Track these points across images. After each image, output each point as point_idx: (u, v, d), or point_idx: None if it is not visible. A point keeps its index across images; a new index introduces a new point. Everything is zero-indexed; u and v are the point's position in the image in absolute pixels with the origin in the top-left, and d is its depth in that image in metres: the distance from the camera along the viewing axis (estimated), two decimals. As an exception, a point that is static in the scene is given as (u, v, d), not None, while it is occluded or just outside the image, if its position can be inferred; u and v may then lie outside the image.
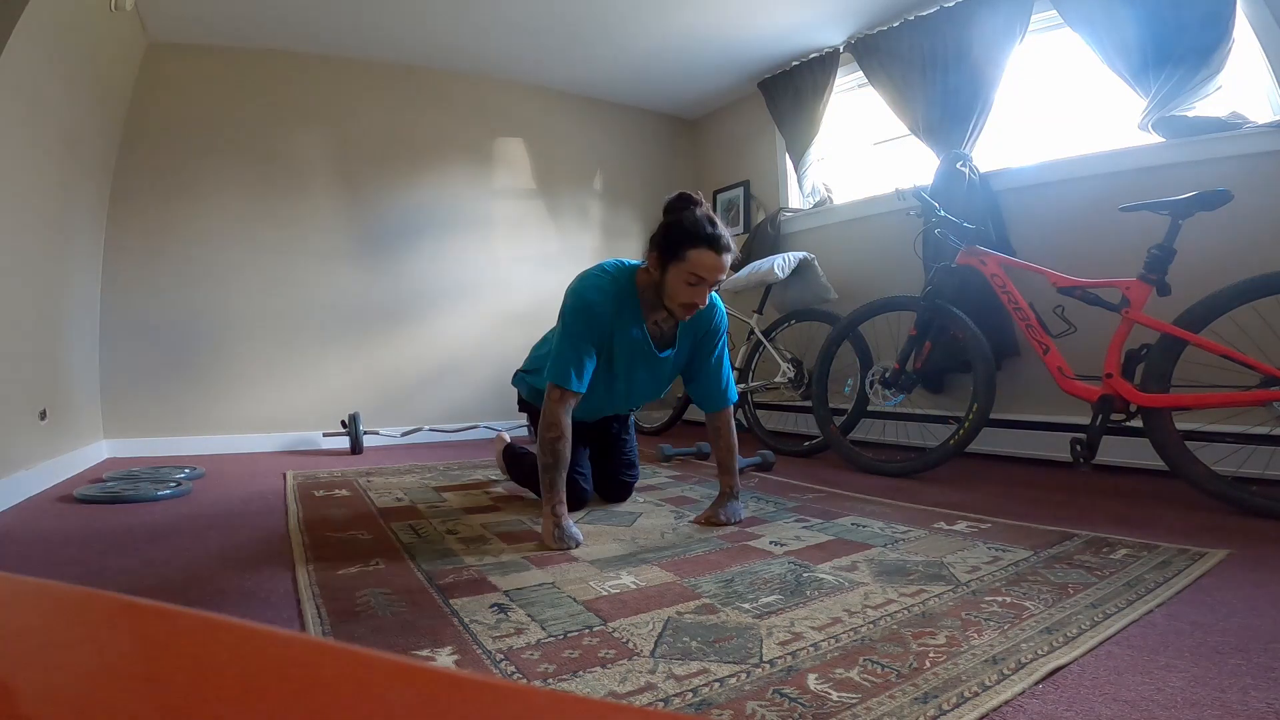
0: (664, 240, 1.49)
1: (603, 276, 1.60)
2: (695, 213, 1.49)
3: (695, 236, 1.46)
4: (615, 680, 0.83)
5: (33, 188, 2.07)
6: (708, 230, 1.46)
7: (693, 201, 1.51)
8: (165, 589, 1.21)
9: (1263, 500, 1.60)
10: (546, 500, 1.48)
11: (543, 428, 1.51)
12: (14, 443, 1.95)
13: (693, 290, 1.49)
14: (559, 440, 1.48)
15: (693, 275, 1.47)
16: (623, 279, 1.60)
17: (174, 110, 2.93)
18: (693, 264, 1.46)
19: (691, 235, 1.46)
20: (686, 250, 1.46)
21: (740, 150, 4.01)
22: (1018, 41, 2.56)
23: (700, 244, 1.46)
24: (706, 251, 1.46)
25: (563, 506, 1.48)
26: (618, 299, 1.58)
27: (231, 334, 3.02)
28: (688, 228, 1.47)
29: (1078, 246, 2.33)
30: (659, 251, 1.50)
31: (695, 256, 1.46)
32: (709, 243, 1.46)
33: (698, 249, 1.46)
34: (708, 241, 1.46)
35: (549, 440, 1.49)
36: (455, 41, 3.20)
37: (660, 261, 1.50)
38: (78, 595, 0.37)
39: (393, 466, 2.55)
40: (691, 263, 1.46)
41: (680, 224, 1.48)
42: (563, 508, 1.48)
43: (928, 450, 2.24)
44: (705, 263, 1.47)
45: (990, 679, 0.82)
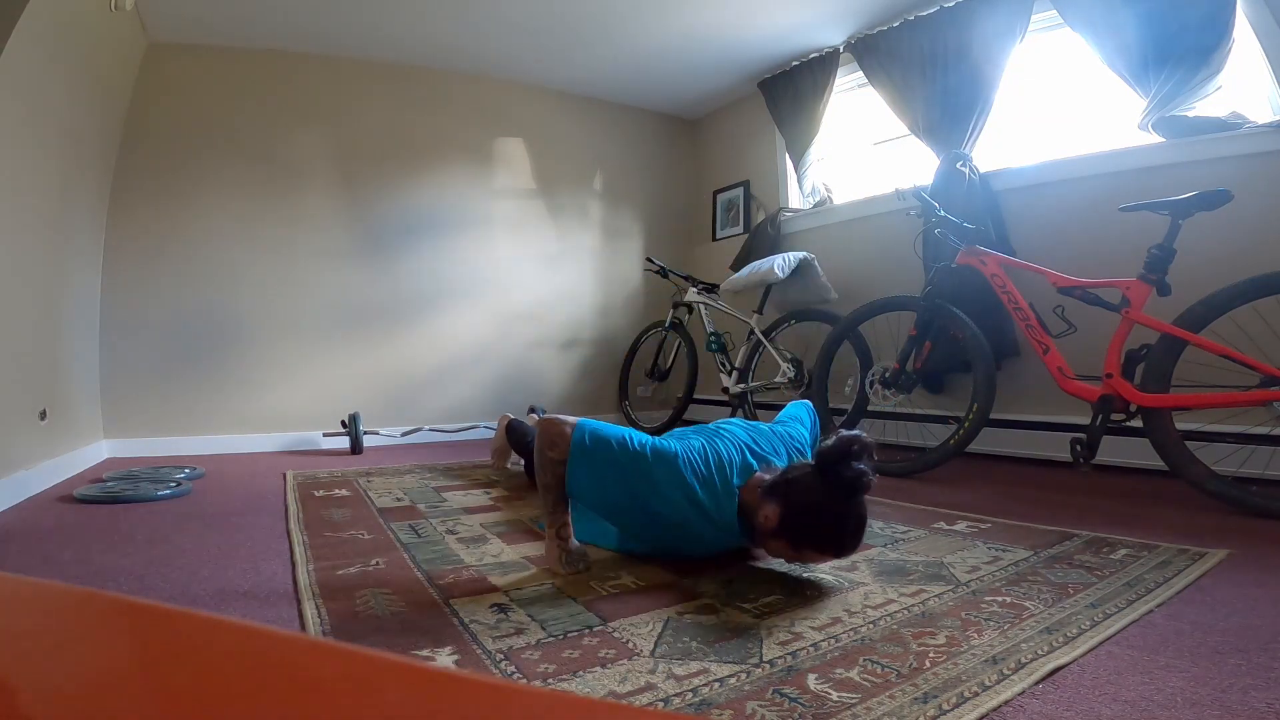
0: (795, 524, 1.17)
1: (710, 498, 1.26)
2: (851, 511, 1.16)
3: (827, 547, 1.18)
4: (615, 680, 0.83)
5: (33, 188, 2.07)
6: (846, 544, 1.18)
7: (861, 490, 1.14)
8: (165, 589, 1.21)
9: (1263, 500, 1.60)
10: (550, 523, 1.32)
11: (543, 444, 1.28)
12: (14, 443, 1.95)
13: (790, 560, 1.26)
14: (562, 463, 1.27)
15: (799, 561, 1.24)
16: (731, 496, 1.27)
17: (174, 110, 2.93)
18: (804, 557, 1.22)
19: (825, 544, 1.18)
20: (807, 549, 1.19)
21: (740, 150, 4.01)
22: (1018, 41, 2.56)
23: (829, 554, 1.20)
24: (829, 559, 1.22)
25: (567, 529, 1.32)
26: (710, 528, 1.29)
27: (232, 334, 3.02)
28: (829, 536, 1.16)
29: (1078, 246, 2.33)
30: (780, 523, 1.18)
31: (812, 557, 1.21)
32: (837, 555, 1.20)
33: (822, 556, 1.20)
34: (836, 554, 1.20)
35: (551, 460, 1.27)
36: (455, 41, 3.20)
37: (776, 530, 1.19)
38: (78, 595, 0.37)
39: (393, 466, 2.55)
40: (804, 556, 1.21)
41: (825, 525, 1.16)
42: (567, 530, 1.32)
43: (928, 450, 2.24)
44: (818, 561, 1.24)
45: (990, 679, 0.82)
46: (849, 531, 1.16)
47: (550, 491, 1.30)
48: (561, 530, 1.31)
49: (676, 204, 4.30)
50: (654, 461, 1.24)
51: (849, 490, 1.14)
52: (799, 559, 1.22)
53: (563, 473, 1.26)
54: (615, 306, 4.04)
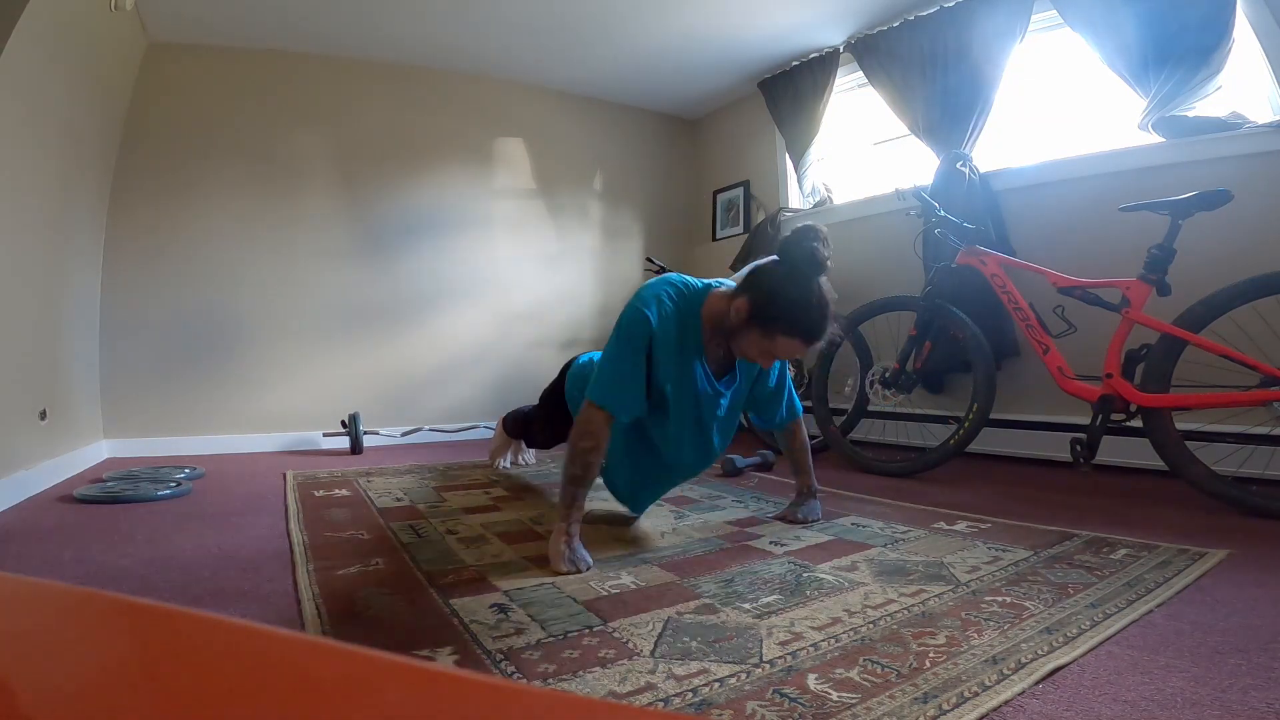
0: (764, 306, 1.26)
1: (669, 291, 1.38)
2: (814, 289, 1.25)
3: (798, 327, 1.25)
4: (615, 680, 0.83)
5: (33, 187, 2.07)
6: (814, 324, 1.26)
7: (817, 266, 1.24)
8: (165, 589, 1.21)
9: (1263, 500, 1.60)
10: (563, 515, 1.30)
11: (577, 435, 1.30)
12: (14, 443, 1.95)
13: (764, 359, 1.34)
14: (593, 451, 1.29)
15: (773, 354, 1.32)
16: (692, 301, 1.39)
17: (174, 110, 2.93)
18: (778, 347, 1.29)
19: (795, 324, 1.25)
20: (778, 334, 1.26)
21: (740, 150, 4.01)
22: (1018, 41, 2.56)
23: (797, 336, 1.26)
24: (799, 344, 1.28)
25: (577, 526, 1.32)
26: (681, 323, 1.37)
27: (232, 334, 3.02)
28: (796, 313, 1.25)
29: (1078, 246, 2.33)
30: (750, 309, 1.27)
31: (784, 344, 1.28)
32: (806, 337, 1.27)
33: (792, 339, 1.27)
34: (806, 336, 1.27)
35: (582, 450, 1.28)
36: (455, 41, 3.20)
37: (747, 319, 1.28)
38: (78, 595, 0.37)
39: (393, 466, 2.55)
40: (777, 345, 1.28)
41: (791, 301, 1.24)
42: (577, 527, 1.31)
43: (928, 450, 2.24)
44: (791, 350, 1.30)
45: (990, 679, 0.82)
46: (814, 308, 1.25)
47: (575, 485, 1.32)
48: (571, 527, 1.31)
49: (676, 204, 4.30)
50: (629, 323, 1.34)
51: (808, 266, 1.25)
52: (772, 350, 1.30)
53: (594, 461, 1.31)
54: (615, 306, 4.02)
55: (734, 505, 1.87)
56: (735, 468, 2.38)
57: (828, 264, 1.25)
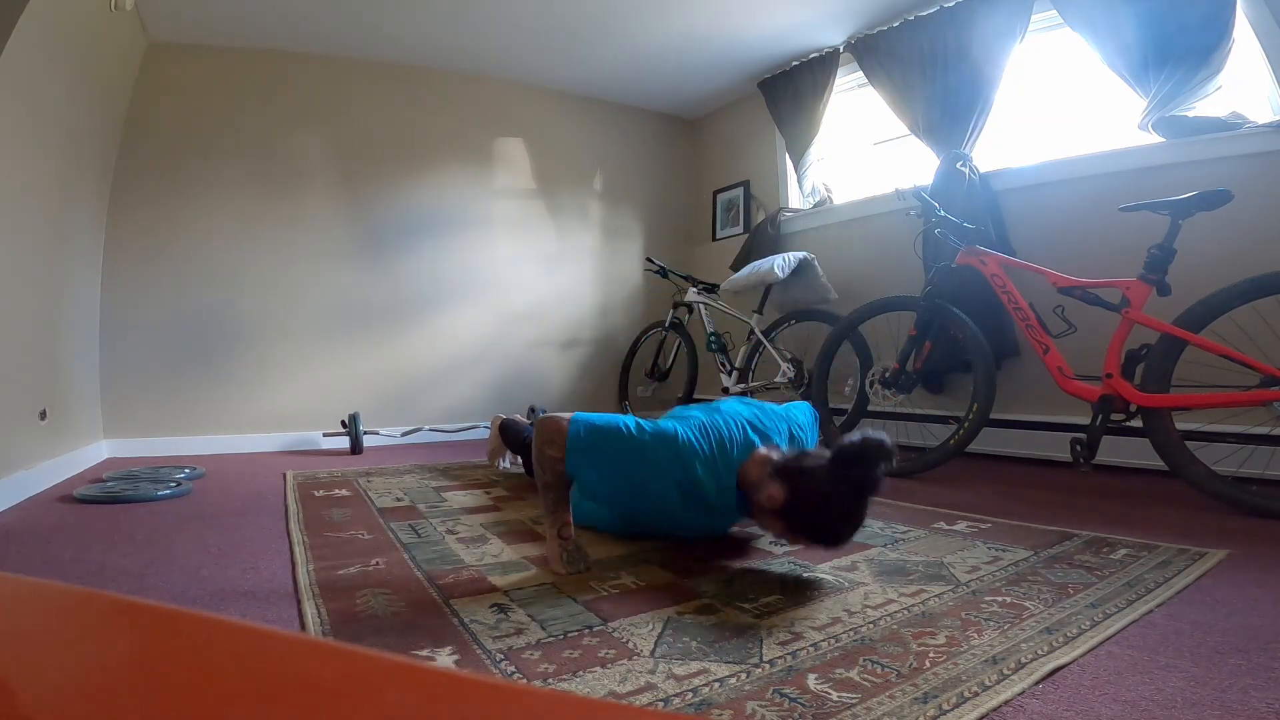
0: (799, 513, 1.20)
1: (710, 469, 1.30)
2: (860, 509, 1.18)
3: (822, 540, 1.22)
4: (615, 680, 0.83)
5: (33, 187, 2.07)
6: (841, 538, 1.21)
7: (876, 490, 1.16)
8: (165, 589, 1.21)
9: (1263, 500, 1.60)
10: (550, 522, 1.31)
11: (541, 442, 1.27)
12: (14, 443, 1.95)
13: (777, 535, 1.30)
14: (560, 460, 1.27)
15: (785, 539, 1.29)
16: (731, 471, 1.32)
17: (174, 110, 2.93)
18: (795, 541, 1.28)
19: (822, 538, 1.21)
20: (802, 537, 1.23)
21: (740, 150, 4.01)
22: (1018, 41, 2.56)
23: (818, 545, 1.24)
24: (819, 549, 1.28)
25: (569, 528, 1.31)
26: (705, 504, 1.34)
27: (232, 334, 3.02)
28: (828, 530, 1.20)
29: (1078, 246, 2.33)
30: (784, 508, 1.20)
31: (803, 542, 1.27)
32: (827, 547, 1.25)
33: (814, 544, 1.25)
34: (827, 546, 1.24)
35: (551, 458, 1.27)
36: (455, 41, 3.20)
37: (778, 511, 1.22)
38: (78, 595, 0.37)
39: (393, 466, 2.55)
40: (797, 540, 1.26)
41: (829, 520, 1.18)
42: (569, 529, 1.31)
43: (928, 450, 2.24)
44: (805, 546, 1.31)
45: (990, 679, 0.82)
46: (847, 529, 1.20)
47: (550, 490, 1.31)
48: (563, 530, 1.30)
49: (676, 204, 4.30)
50: (653, 444, 1.28)
51: (860, 492, 1.16)
52: (790, 540, 1.31)
53: (562, 469, 1.28)
54: (615, 306, 4.04)
55: (734, 505, 1.87)
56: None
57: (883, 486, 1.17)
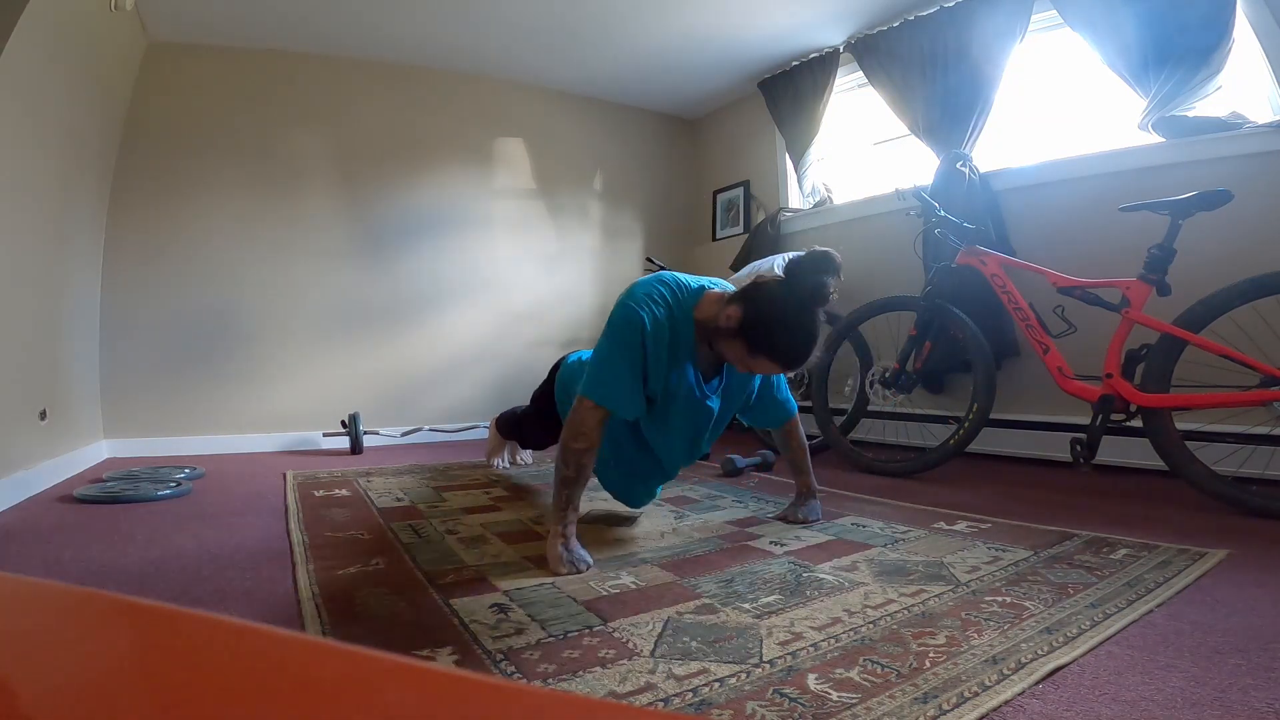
0: (755, 323, 1.24)
1: (662, 291, 1.36)
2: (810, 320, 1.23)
3: (780, 354, 1.25)
4: (615, 680, 0.83)
5: (33, 187, 2.07)
6: (799, 354, 1.25)
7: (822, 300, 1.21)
8: (165, 589, 1.21)
9: (1263, 500, 1.60)
10: (557, 518, 1.30)
11: (568, 435, 1.28)
12: (14, 443, 1.95)
13: (739, 366, 1.34)
14: (586, 452, 1.28)
15: (750, 369, 1.32)
16: (685, 302, 1.37)
17: (174, 110, 2.93)
18: (757, 364, 1.29)
19: (779, 350, 1.25)
20: (761, 354, 1.26)
21: (740, 150, 4.01)
22: (1018, 41, 2.56)
23: (778, 361, 1.27)
24: (778, 368, 1.30)
25: (573, 527, 1.31)
26: (674, 325, 1.35)
27: (232, 334, 3.02)
28: (785, 339, 1.24)
29: (1078, 246, 2.33)
30: (742, 321, 1.25)
31: (764, 364, 1.28)
32: (786, 365, 1.28)
33: (773, 363, 1.27)
34: (786, 363, 1.27)
35: (575, 451, 1.27)
36: (455, 41, 3.20)
37: (735, 329, 1.26)
38: (78, 595, 0.37)
39: (393, 466, 2.55)
40: (757, 362, 1.28)
41: (784, 328, 1.23)
42: (573, 528, 1.31)
43: (928, 450, 2.24)
44: (768, 371, 1.32)
45: (990, 679, 0.82)
46: (801, 341, 1.24)
47: (568, 486, 1.31)
48: (567, 528, 1.30)
49: (676, 204, 4.30)
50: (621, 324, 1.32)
51: (812, 298, 1.22)
52: (750, 365, 1.30)
53: (588, 463, 1.30)
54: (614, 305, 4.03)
55: (734, 505, 1.87)
56: (735, 468, 2.38)
57: (832, 297, 1.23)
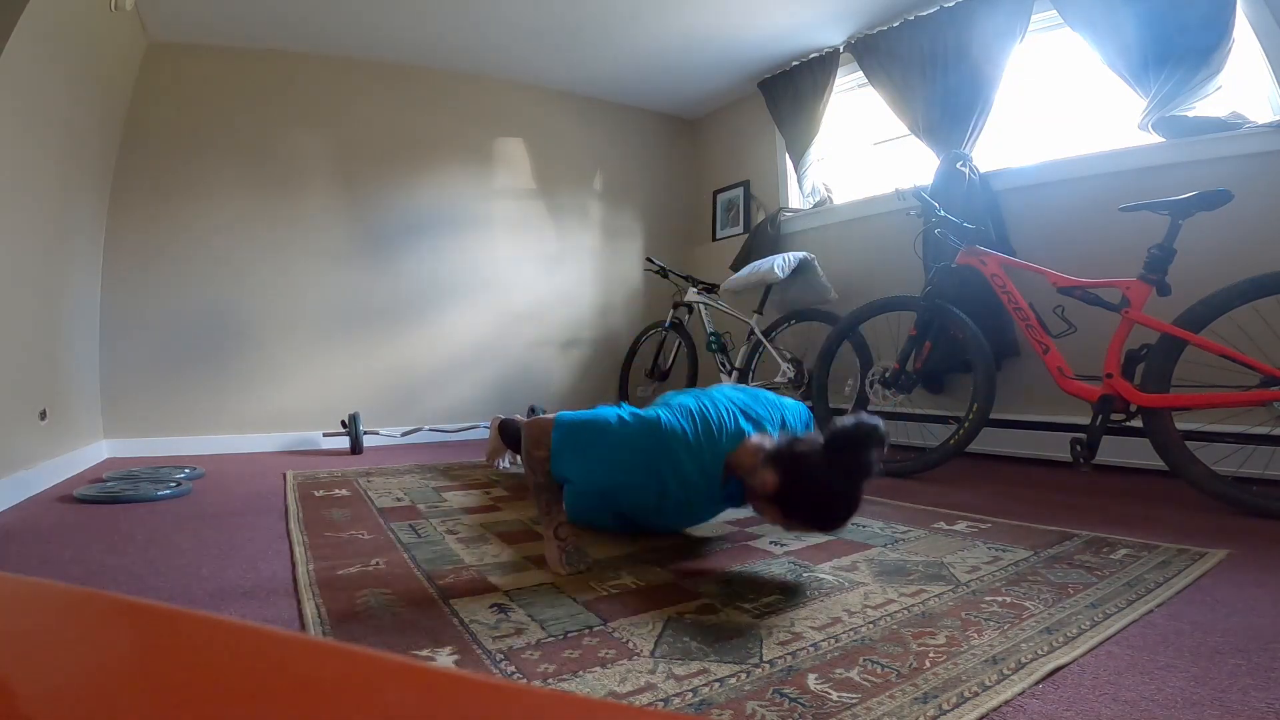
0: (794, 498, 1.18)
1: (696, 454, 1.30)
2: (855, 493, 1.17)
3: (820, 524, 1.23)
4: (615, 680, 0.83)
5: (33, 187, 2.07)
6: (839, 522, 1.21)
7: (870, 474, 1.15)
8: (165, 589, 1.21)
9: (1263, 500, 1.60)
10: (546, 523, 1.31)
11: (529, 444, 1.29)
12: (14, 443, 1.95)
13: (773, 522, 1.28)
14: (548, 460, 1.29)
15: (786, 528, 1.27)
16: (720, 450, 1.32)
17: (174, 110, 2.93)
18: (793, 527, 1.26)
19: (818, 522, 1.22)
20: (798, 523, 1.23)
21: (740, 150, 4.01)
22: (1018, 41, 2.56)
23: (816, 529, 1.27)
24: (816, 533, 1.30)
25: (565, 528, 1.30)
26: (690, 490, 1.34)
27: (232, 334, 3.02)
28: (825, 515, 1.19)
29: (1078, 246, 2.33)
30: (779, 492, 1.19)
31: (801, 529, 1.27)
32: (825, 531, 1.28)
33: (809, 530, 1.28)
34: (824, 530, 1.27)
35: (539, 459, 1.29)
36: (455, 41, 3.20)
37: (772, 497, 1.20)
38: (78, 595, 0.37)
39: (393, 466, 2.55)
40: (793, 526, 1.25)
41: (826, 504, 1.18)
42: (565, 528, 1.30)
43: (928, 450, 2.24)
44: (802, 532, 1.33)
45: (990, 679, 0.82)
46: (844, 513, 1.19)
47: (543, 491, 1.32)
48: (559, 530, 1.30)
49: (676, 204, 4.30)
50: (636, 433, 1.28)
51: (855, 477, 1.15)
52: (785, 526, 1.26)
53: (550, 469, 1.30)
54: (615, 306, 4.04)
55: (734, 505, 1.87)
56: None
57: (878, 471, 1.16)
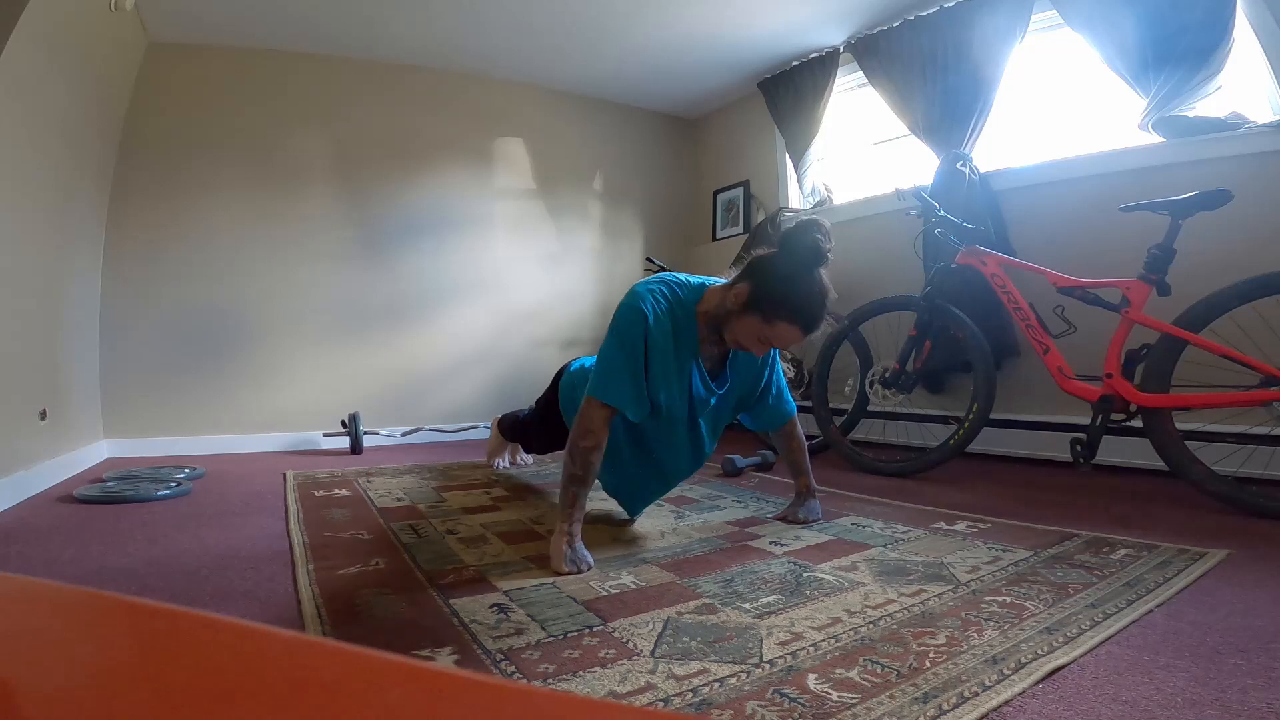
0: (765, 292, 1.27)
1: (663, 289, 1.38)
2: (815, 279, 1.26)
3: (799, 315, 1.27)
4: (615, 680, 0.83)
5: (33, 187, 2.07)
6: (814, 312, 1.27)
7: (820, 258, 1.25)
8: (165, 589, 1.21)
9: (1263, 500, 1.60)
10: (564, 516, 1.30)
11: (577, 434, 1.30)
12: (14, 443, 1.95)
13: (759, 346, 1.34)
14: (594, 450, 1.29)
15: (770, 341, 1.32)
16: (687, 299, 1.39)
17: (174, 110, 2.93)
18: (777, 333, 1.30)
19: (797, 312, 1.27)
20: (779, 321, 1.27)
21: (740, 150, 4.01)
22: (1018, 42, 2.56)
23: (798, 323, 1.28)
24: (798, 331, 1.30)
25: (578, 526, 1.31)
26: (676, 322, 1.37)
27: (232, 333, 3.02)
28: (797, 300, 1.26)
29: (1078, 246, 2.33)
30: (750, 294, 1.28)
31: (784, 330, 1.29)
32: (806, 325, 1.29)
33: (792, 326, 1.28)
34: (805, 324, 1.28)
35: (583, 449, 1.28)
36: (455, 41, 3.21)
37: (745, 304, 1.29)
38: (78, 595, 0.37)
39: (393, 466, 2.55)
40: (776, 331, 1.29)
41: (793, 289, 1.26)
42: (578, 527, 1.31)
43: (928, 450, 2.24)
44: (789, 338, 1.31)
45: (990, 679, 0.82)
46: (815, 297, 1.27)
47: (575, 484, 1.31)
48: (572, 527, 1.30)
49: (676, 204, 4.30)
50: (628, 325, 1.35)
51: (811, 257, 1.26)
52: (770, 337, 1.31)
53: (595, 462, 1.31)
54: (615, 306, 4.03)
55: (734, 505, 1.87)
56: (735, 468, 2.38)
57: (829, 256, 1.27)
